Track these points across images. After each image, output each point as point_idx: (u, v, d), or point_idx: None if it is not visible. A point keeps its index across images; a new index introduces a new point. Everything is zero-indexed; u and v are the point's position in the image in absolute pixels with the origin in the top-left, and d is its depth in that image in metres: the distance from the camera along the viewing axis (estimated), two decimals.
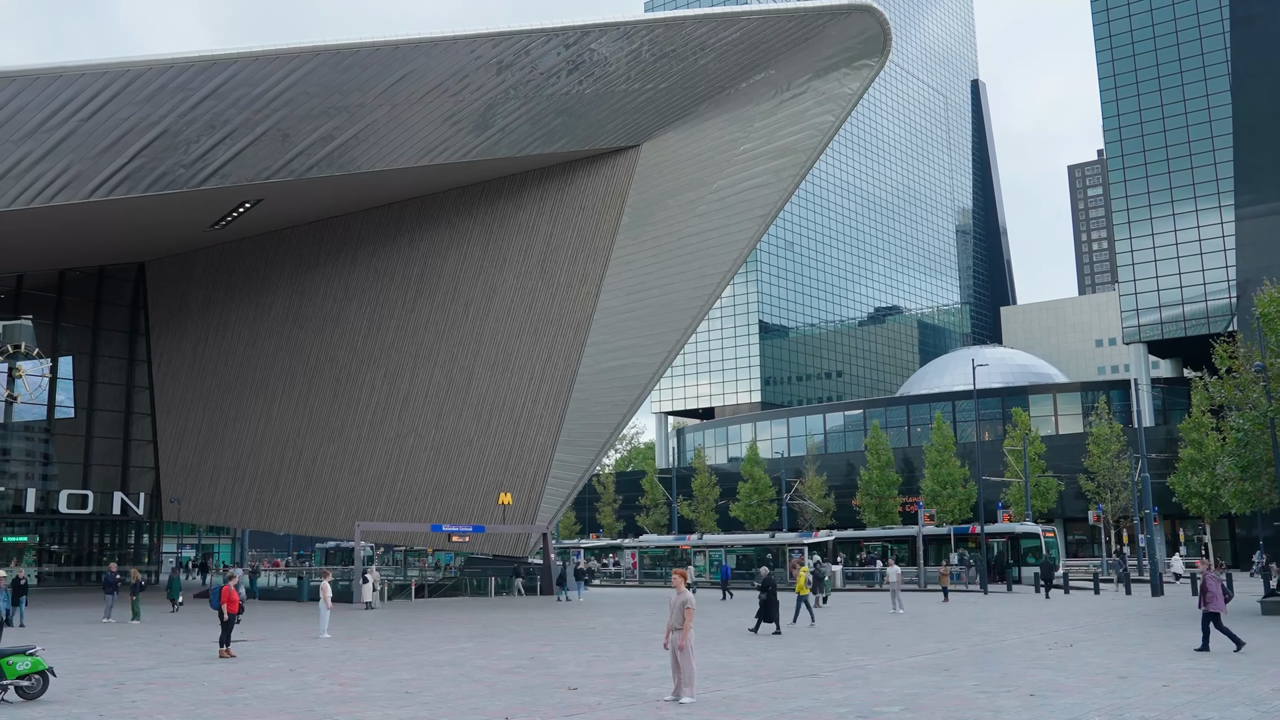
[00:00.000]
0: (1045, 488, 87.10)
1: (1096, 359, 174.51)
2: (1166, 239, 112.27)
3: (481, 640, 30.80)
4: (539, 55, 42.68)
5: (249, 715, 17.19)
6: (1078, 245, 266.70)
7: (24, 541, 70.04)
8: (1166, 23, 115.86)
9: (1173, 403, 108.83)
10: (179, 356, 70.24)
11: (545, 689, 19.94)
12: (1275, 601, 39.09)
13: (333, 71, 39.75)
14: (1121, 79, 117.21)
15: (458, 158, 48.90)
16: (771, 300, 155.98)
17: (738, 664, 23.88)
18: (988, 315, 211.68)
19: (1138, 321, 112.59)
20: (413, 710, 17.49)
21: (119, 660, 25.84)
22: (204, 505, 69.37)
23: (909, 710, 16.94)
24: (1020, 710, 16.85)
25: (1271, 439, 38.96)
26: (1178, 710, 16.74)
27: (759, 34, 45.78)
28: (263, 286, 64.73)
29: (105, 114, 38.10)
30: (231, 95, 39.15)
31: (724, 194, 53.56)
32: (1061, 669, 22.41)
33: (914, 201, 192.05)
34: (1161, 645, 27.22)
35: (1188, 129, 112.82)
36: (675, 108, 50.18)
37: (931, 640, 29.52)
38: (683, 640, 17.89)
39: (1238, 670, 21.64)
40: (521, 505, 57.53)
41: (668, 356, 58.66)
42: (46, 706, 18.30)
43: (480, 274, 57.51)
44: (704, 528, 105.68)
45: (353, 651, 27.58)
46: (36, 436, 69.57)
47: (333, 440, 63.00)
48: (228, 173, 44.65)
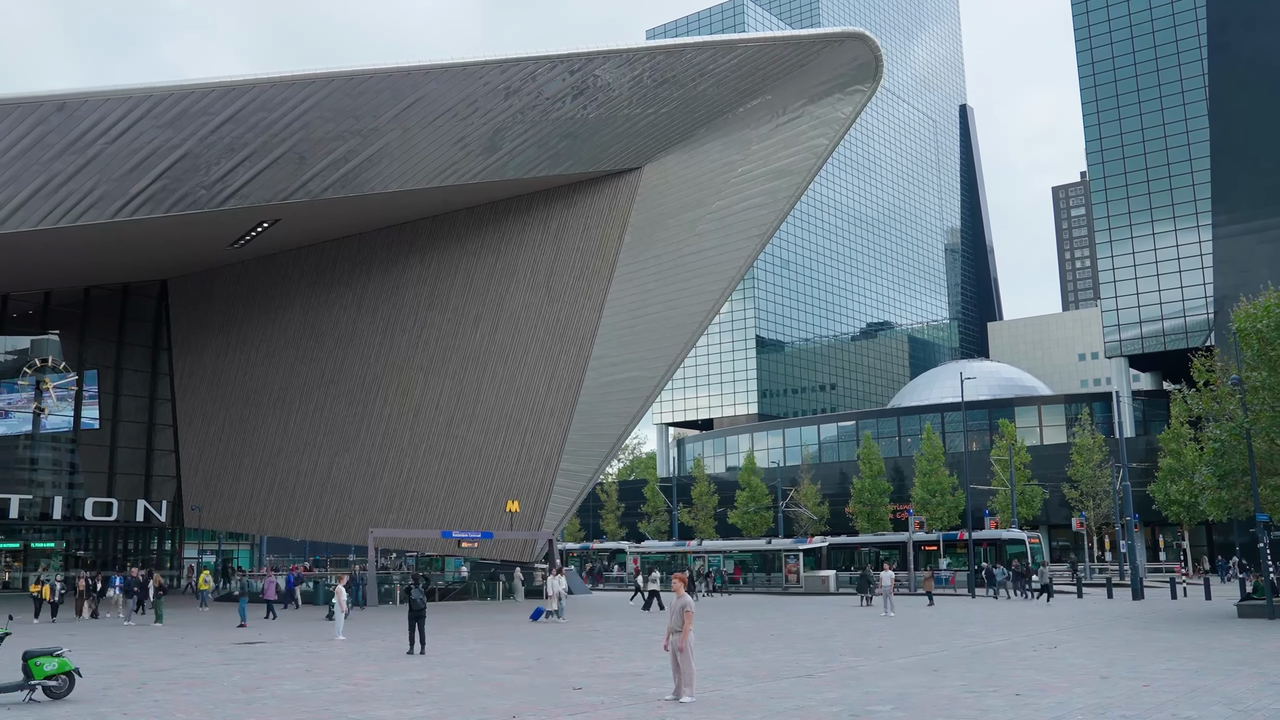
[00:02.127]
0: (1030, 496, 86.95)
1: (1079, 372, 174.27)
2: (1146, 257, 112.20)
3: (490, 642, 30.78)
4: (545, 81, 42.78)
5: (267, 714, 17.19)
6: (1061, 263, 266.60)
7: (51, 547, 70.08)
8: (1147, 50, 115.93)
9: (1152, 414, 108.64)
10: (200, 370, 70.29)
11: (551, 689, 19.94)
12: (1251, 604, 39.07)
13: (347, 97, 39.86)
14: (1104, 104, 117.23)
15: (467, 179, 48.98)
16: (768, 316, 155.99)
17: (735, 665, 23.86)
18: (975, 330, 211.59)
19: (1119, 336, 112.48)
20: (423, 709, 17.49)
21: (142, 661, 25.83)
22: (224, 512, 69.38)
23: (900, 709, 16.93)
24: (1006, 709, 16.84)
25: (1247, 449, 38.95)
26: (1157, 709, 16.73)
27: (756, 61, 45.89)
28: (280, 303, 64.80)
29: (129, 137, 38.22)
30: (250, 119, 39.26)
31: (722, 214, 53.64)
32: (1046, 669, 22.39)
33: (904, 221, 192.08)
34: (1142, 647, 27.18)
35: (1167, 151, 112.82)
36: (676, 131, 50.26)
37: (921, 642, 29.50)
38: (682, 642, 17.89)
39: (1216, 671, 21.63)
40: (528, 512, 57.51)
41: (668, 370, 58.71)
42: (73, 706, 18.30)
43: (489, 291, 57.56)
44: (703, 534, 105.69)
45: (366, 653, 27.57)
46: (63, 447, 69.60)
47: (347, 450, 63.01)
48: (247, 194, 44.74)
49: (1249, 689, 18.93)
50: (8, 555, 68.21)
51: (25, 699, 18.88)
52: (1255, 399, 39.60)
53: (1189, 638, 29.86)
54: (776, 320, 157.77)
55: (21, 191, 39.45)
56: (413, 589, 28.61)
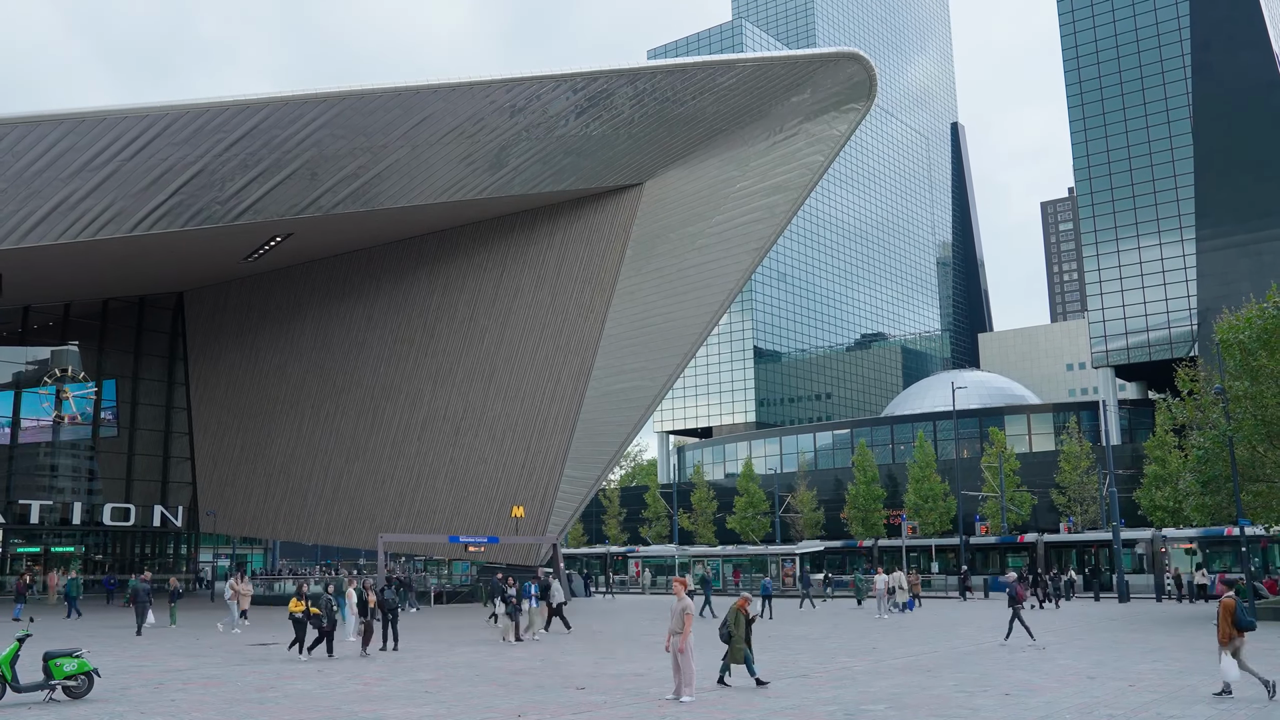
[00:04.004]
0: (1020, 501, 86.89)
1: (1067, 382, 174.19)
2: (1132, 270, 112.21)
3: (495, 643, 30.78)
4: (550, 100, 42.82)
5: (280, 713, 17.21)
6: (1050, 276, 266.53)
7: (71, 551, 70.09)
8: (1132, 69, 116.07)
9: (1138, 422, 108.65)
10: (214, 380, 70.32)
11: (555, 688, 19.96)
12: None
13: (358, 114, 39.92)
14: (1091, 121, 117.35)
15: (474, 195, 49.04)
16: (765, 327, 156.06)
17: (734, 665, 23.84)
18: (966, 341, 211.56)
19: (1106, 347, 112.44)
20: (431, 708, 17.50)
21: (159, 662, 25.85)
22: (238, 518, 69.35)
23: (893, 708, 16.94)
24: (996, 708, 16.86)
25: (1229, 456, 38.98)
26: (1142, 708, 16.74)
27: (754, 80, 45.94)
28: (292, 315, 64.84)
29: (147, 154, 38.27)
30: (263, 137, 39.32)
31: (721, 229, 53.67)
32: (1035, 670, 22.40)
33: (898, 235, 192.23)
34: (1128, 648, 27.18)
35: (1152, 168, 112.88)
36: (676, 148, 50.30)
37: (914, 643, 29.49)
38: (682, 643, 17.92)
39: (1199, 671, 21.63)
40: (533, 518, 57.49)
41: (669, 380, 58.73)
42: (92, 705, 18.33)
43: (494, 303, 57.59)
44: (702, 539, 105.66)
45: (375, 654, 27.57)
46: (83, 454, 69.63)
47: (358, 458, 63.01)
48: (260, 209, 44.80)
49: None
50: (29, 559, 68.17)
51: (46, 698, 18.93)
52: (1237, 408, 39.68)
53: (1174, 639, 29.86)
54: (774, 331, 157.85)
55: (43, 206, 39.52)
56: (384, 590, 28.69)
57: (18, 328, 65.77)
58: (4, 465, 65.37)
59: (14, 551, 67.74)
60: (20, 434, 65.69)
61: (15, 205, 38.91)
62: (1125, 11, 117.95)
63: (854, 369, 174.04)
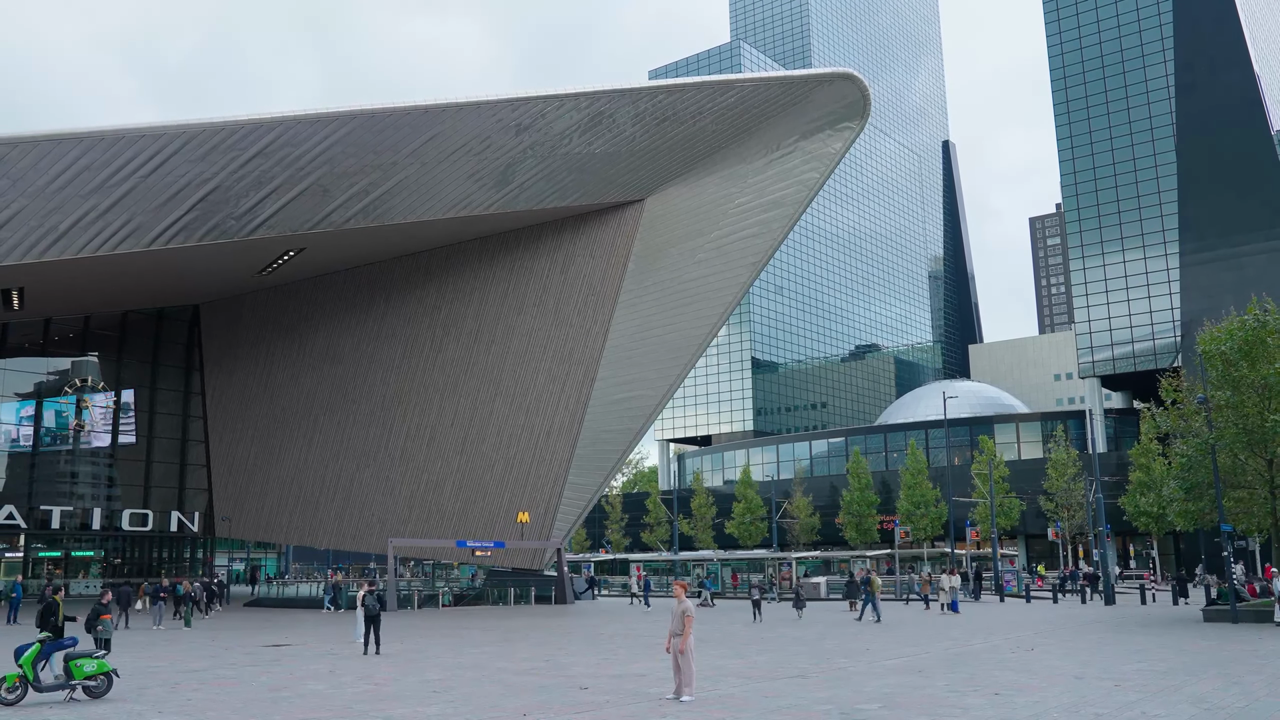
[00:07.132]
0: (1009, 507, 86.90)
1: (1055, 392, 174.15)
2: (1118, 284, 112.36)
3: (502, 645, 30.75)
4: (554, 119, 42.87)
5: (293, 712, 17.21)
6: (1038, 289, 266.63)
7: (91, 556, 70.08)
8: (1118, 89, 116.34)
9: (1123, 431, 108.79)
10: (229, 389, 70.34)
11: (559, 688, 19.94)
12: (1216, 609, 39.03)
13: (368, 133, 39.98)
14: (1078, 139, 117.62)
15: (480, 210, 49.08)
16: (762, 338, 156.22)
17: (733, 666, 23.84)
18: (957, 352, 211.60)
19: (1092, 358, 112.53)
20: (439, 708, 17.49)
21: (175, 663, 25.84)
22: (252, 523, 69.35)
23: (886, 708, 16.93)
24: (987, 707, 16.85)
25: (1212, 464, 39.01)
26: (1128, 707, 16.74)
27: (752, 99, 46.01)
28: (305, 327, 64.88)
29: (164, 171, 38.33)
30: (277, 154, 39.38)
31: (720, 243, 53.72)
32: (1023, 670, 22.38)
33: (891, 249, 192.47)
34: (1114, 649, 27.16)
35: (1137, 184, 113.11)
36: (676, 165, 50.35)
37: (907, 645, 29.47)
38: (683, 644, 17.91)
39: (1183, 672, 21.62)
40: (538, 523, 57.48)
41: (669, 390, 58.77)
42: (111, 704, 18.33)
43: (500, 316, 57.62)
44: (702, 544, 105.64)
45: (386, 654, 27.54)
46: (102, 461, 69.62)
47: (368, 465, 63.01)
48: (274, 224, 44.84)
49: (1214, 688, 18.94)
50: (49, 563, 68.20)
51: (67, 698, 18.96)
52: (1220, 417, 39.75)
53: (1158, 640, 29.84)
54: (771, 342, 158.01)
55: (64, 222, 39.55)
56: (366, 596, 28.62)
57: (39, 339, 65.86)
58: (26, 472, 65.42)
59: (35, 555, 67.77)
60: (42, 442, 65.81)
61: (38, 220, 38.95)
62: (1111, 33, 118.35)
63: (848, 379, 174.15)
